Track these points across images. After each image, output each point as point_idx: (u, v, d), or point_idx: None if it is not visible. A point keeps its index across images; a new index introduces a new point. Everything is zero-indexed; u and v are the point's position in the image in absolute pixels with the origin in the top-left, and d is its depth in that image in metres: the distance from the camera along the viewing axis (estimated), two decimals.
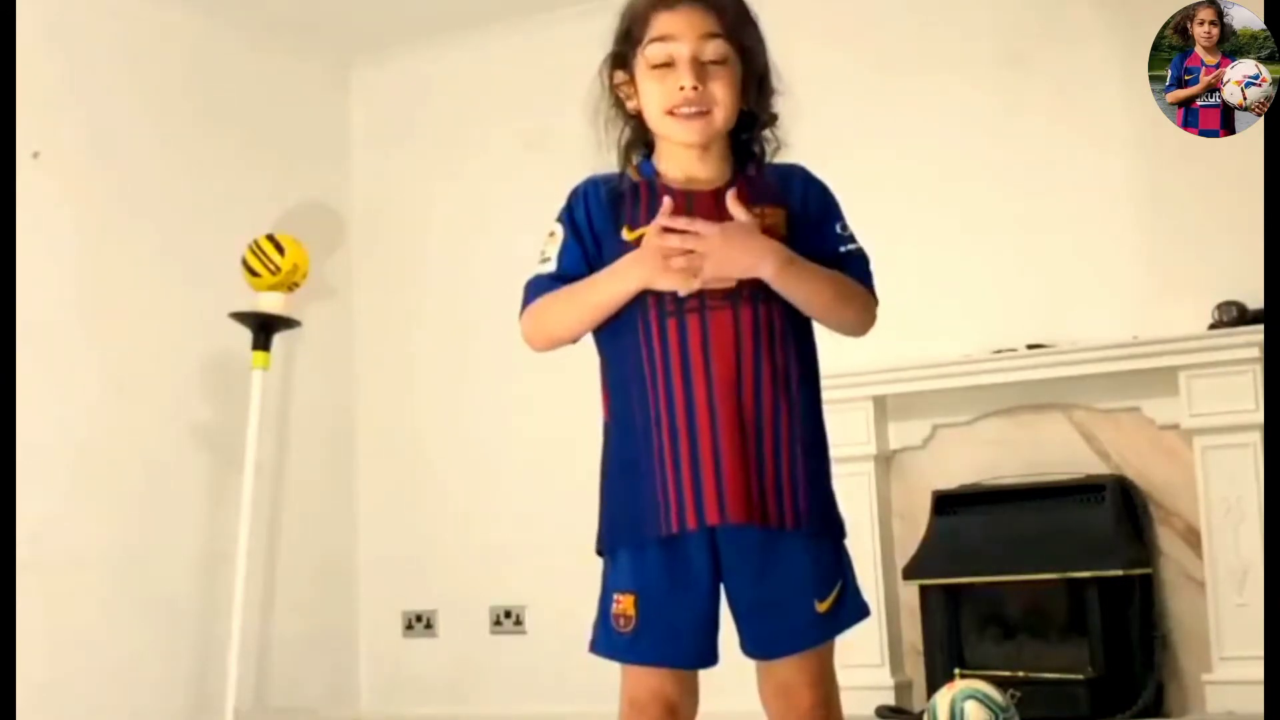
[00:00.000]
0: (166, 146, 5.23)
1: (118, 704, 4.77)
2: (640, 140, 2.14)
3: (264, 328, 4.96)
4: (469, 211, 5.68)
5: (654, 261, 2.00)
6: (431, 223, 5.80)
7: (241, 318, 4.95)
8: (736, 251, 2.00)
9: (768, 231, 2.05)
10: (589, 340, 2.13)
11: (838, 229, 2.13)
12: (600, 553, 2.10)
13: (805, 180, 2.14)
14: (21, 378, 4.31)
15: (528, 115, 5.52)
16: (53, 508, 4.65)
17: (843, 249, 2.11)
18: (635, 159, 2.14)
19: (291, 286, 5.00)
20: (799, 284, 2.03)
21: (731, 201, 2.03)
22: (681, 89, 2.04)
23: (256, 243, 4.97)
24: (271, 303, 4.97)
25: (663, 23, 2.06)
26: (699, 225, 2.00)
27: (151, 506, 5.00)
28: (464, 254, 5.66)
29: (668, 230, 2.00)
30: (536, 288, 2.11)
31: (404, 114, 5.92)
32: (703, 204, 2.06)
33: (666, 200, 2.03)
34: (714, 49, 2.05)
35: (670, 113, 2.05)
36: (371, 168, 5.94)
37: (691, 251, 1.99)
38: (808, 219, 2.10)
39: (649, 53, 2.06)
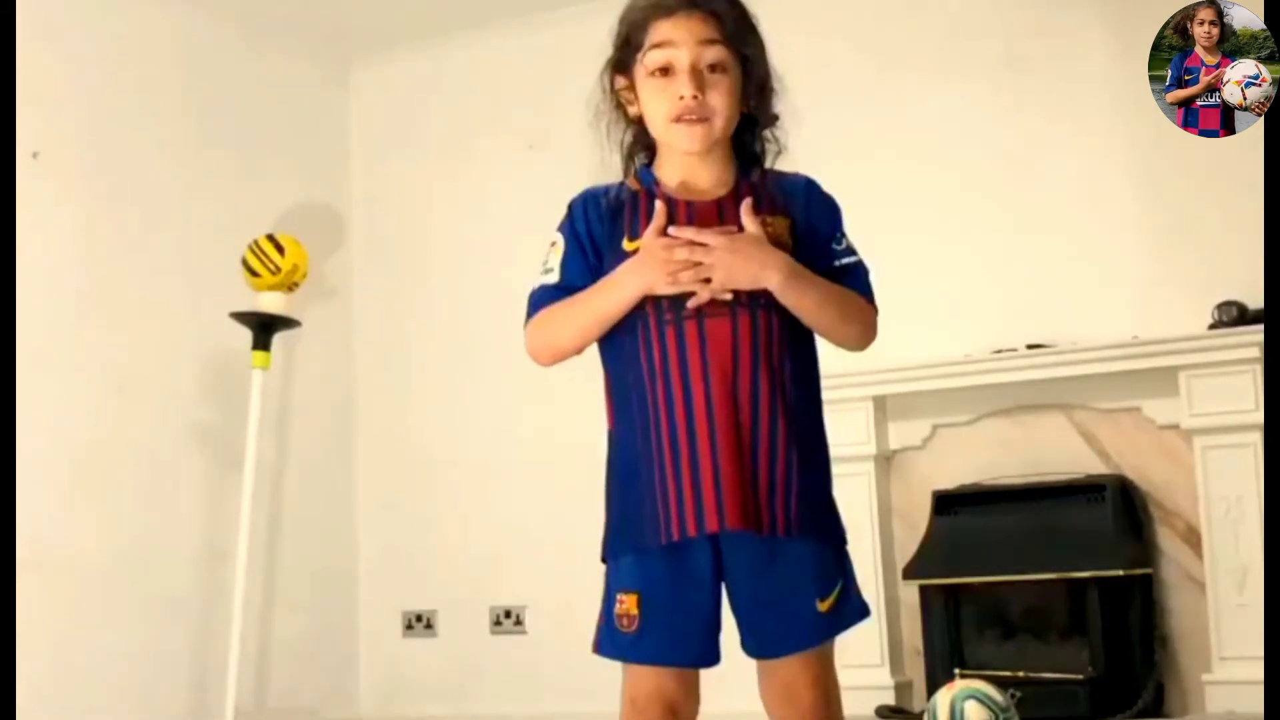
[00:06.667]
0: (166, 147, 5.23)
1: (118, 704, 4.76)
2: (642, 145, 2.15)
3: (264, 328, 4.96)
4: (469, 211, 5.68)
5: (654, 267, 2.00)
6: (431, 223, 5.80)
7: (241, 318, 4.95)
8: (744, 261, 2.00)
9: (773, 241, 2.05)
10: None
11: (835, 242, 2.11)
12: (605, 560, 2.09)
13: (810, 192, 2.13)
14: (22, 378, 4.31)
15: (528, 115, 5.52)
16: (53, 507, 4.65)
17: (838, 263, 2.10)
18: (637, 164, 2.14)
19: (291, 286, 5.00)
20: (803, 296, 2.03)
21: (745, 212, 2.03)
22: (681, 98, 2.04)
23: (256, 243, 4.97)
24: (271, 303, 4.97)
25: (662, 30, 2.06)
26: (707, 235, 2.00)
27: (151, 506, 4.99)
28: (464, 254, 5.66)
29: (673, 239, 2.00)
30: (540, 299, 2.11)
31: (404, 114, 5.92)
32: (704, 213, 2.07)
33: (660, 205, 2.04)
34: (713, 55, 2.06)
35: (671, 121, 2.06)
36: (371, 168, 5.93)
37: (700, 263, 1.99)
38: (811, 231, 2.10)
39: (648, 59, 2.07)
